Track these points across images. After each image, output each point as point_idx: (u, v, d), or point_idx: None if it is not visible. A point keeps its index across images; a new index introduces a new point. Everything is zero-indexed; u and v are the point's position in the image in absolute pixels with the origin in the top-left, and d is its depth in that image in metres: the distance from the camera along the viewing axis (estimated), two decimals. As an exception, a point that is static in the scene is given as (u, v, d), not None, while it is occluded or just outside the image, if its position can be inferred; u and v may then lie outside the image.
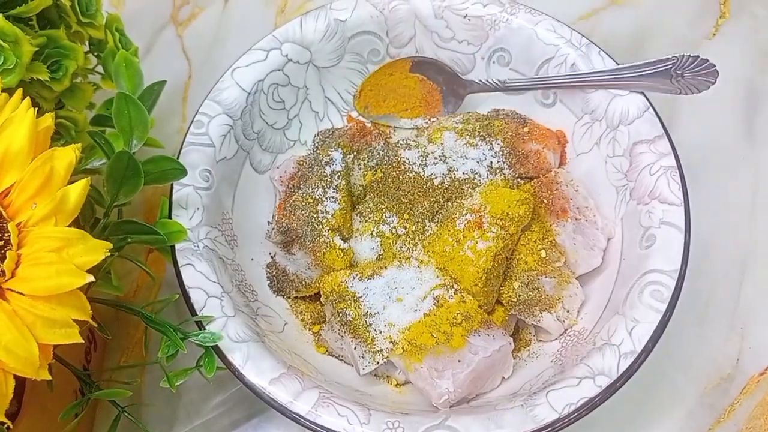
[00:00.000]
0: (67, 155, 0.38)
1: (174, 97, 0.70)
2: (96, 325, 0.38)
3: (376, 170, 0.57)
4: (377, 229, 0.55)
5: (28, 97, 0.38)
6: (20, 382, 0.38)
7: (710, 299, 0.59)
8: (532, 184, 0.56)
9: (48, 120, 0.39)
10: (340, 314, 0.51)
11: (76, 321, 0.36)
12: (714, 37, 0.71)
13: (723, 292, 0.60)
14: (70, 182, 0.38)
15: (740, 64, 0.70)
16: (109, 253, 0.37)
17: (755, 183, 0.64)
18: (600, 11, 0.73)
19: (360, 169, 0.57)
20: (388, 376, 0.52)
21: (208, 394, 0.56)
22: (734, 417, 0.55)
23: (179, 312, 0.55)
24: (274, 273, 0.56)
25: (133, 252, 0.48)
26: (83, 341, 0.36)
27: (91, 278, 0.35)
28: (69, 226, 0.37)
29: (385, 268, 0.52)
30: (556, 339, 0.53)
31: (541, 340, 0.54)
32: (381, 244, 0.54)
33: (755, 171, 0.65)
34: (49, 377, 0.36)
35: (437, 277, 0.52)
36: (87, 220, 0.47)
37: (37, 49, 0.45)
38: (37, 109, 0.41)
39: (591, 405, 0.44)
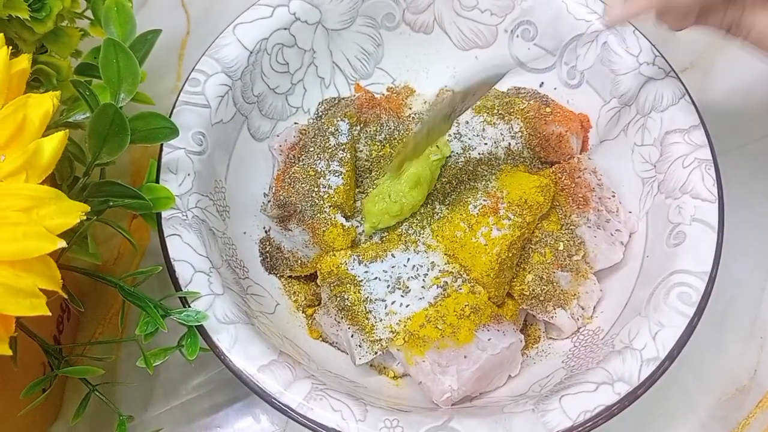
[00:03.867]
0: (43, 103, 0.34)
1: (170, 54, 0.66)
2: (66, 296, 0.34)
3: (384, 145, 0.52)
4: (382, 208, 0.50)
5: (1, 34, 0.34)
6: (-22, 355, 0.34)
7: (730, 305, 0.56)
8: (553, 169, 0.52)
9: (24, 62, 0.35)
10: (338, 298, 0.47)
11: (43, 291, 0.32)
12: (749, 27, 0.66)
13: (744, 299, 0.57)
14: (46, 135, 0.33)
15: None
16: (85, 217, 0.33)
17: (786, 182, 0.60)
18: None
19: (367, 142, 0.52)
20: (385, 368, 0.48)
21: (189, 373, 0.53)
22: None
23: (163, 285, 0.51)
24: (267, 249, 0.51)
25: (116, 217, 0.44)
26: (50, 313, 0.31)
27: (62, 243, 0.31)
28: (42, 183, 0.33)
29: (390, 251, 0.48)
30: (568, 337, 0.49)
31: (551, 338, 0.50)
32: (386, 225, 0.50)
33: (786, 169, 0.61)
34: (10, 352, 0.32)
35: (446, 264, 0.48)
36: (65, 178, 0.43)
37: (17, -18, 0.40)
38: (14, 50, 0.36)
39: (608, 413, 0.40)
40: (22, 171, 0.33)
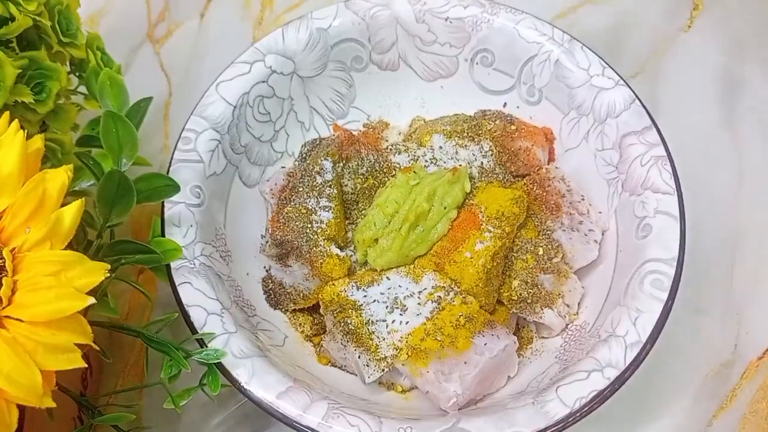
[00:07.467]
0: (59, 177, 0.37)
1: (155, 116, 0.69)
2: (98, 349, 0.37)
3: (366, 177, 0.56)
4: (372, 236, 0.54)
5: (16, 120, 0.37)
6: (20, 411, 0.37)
7: (703, 287, 0.59)
8: (524, 181, 0.56)
9: (38, 142, 0.38)
10: (342, 324, 0.50)
11: (77, 345, 0.35)
12: (689, 30, 0.72)
13: (716, 279, 0.60)
14: (62, 205, 0.37)
15: (716, 54, 0.71)
16: (108, 274, 0.36)
17: (739, 168, 0.65)
18: (577, 8, 0.74)
19: (350, 176, 0.56)
20: (392, 383, 0.51)
21: (209, 413, 0.55)
22: (736, 402, 0.55)
23: (174, 333, 0.54)
24: (270, 287, 0.55)
25: (123, 274, 0.47)
26: (86, 365, 0.35)
27: (92, 300, 0.34)
28: (64, 249, 0.36)
29: (384, 274, 0.52)
30: (558, 335, 0.53)
31: (543, 337, 0.53)
32: (377, 251, 0.54)
33: (738, 156, 0.66)
34: (53, 404, 0.35)
35: (437, 279, 0.51)
36: (79, 243, 0.46)
37: (20, 71, 0.43)
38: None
39: (601, 397, 0.44)
40: (46, 240, 0.36)
